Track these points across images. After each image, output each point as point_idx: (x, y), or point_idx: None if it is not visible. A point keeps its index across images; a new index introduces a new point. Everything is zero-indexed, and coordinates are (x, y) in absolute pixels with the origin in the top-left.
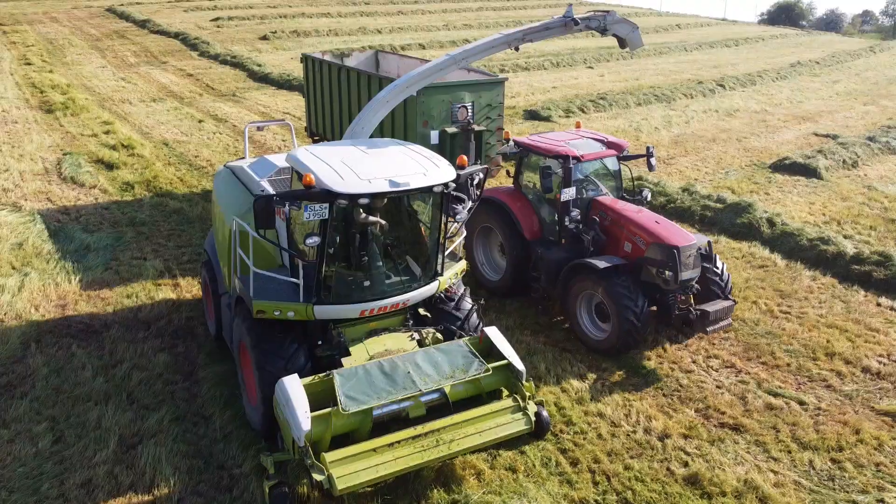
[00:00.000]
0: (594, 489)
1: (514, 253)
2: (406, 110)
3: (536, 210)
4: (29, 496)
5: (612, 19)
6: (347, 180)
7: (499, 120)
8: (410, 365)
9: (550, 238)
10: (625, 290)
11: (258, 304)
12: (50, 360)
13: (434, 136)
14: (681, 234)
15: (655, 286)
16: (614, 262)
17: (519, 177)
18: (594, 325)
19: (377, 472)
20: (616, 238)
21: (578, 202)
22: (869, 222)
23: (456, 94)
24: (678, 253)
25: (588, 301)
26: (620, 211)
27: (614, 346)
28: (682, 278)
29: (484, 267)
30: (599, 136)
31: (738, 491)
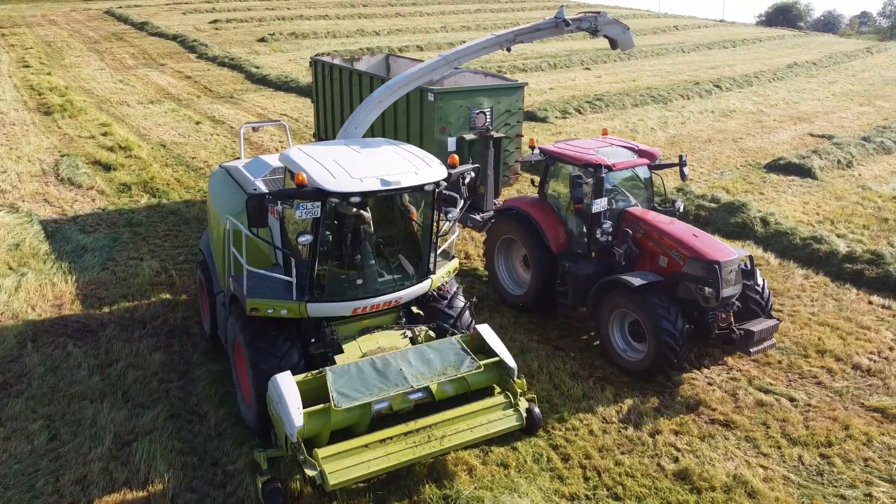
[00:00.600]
0: (585, 484)
1: (540, 266)
2: (423, 116)
3: (563, 221)
4: (24, 493)
5: (604, 20)
6: (339, 179)
7: (518, 126)
8: (402, 362)
9: (578, 251)
10: (662, 308)
11: (252, 302)
12: (46, 359)
13: (451, 143)
14: (721, 249)
15: (693, 303)
16: (650, 279)
17: (544, 186)
18: (628, 345)
19: (369, 468)
20: (650, 252)
21: (608, 213)
22: (862, 221)
23: (474, 100)
24: (719, 268)
25: (621, 319)
26: (654, 223)
27: (650, 368)
28: (723, 295)
29: (506, 280)
30: (629, 144)
31: (728, 486)
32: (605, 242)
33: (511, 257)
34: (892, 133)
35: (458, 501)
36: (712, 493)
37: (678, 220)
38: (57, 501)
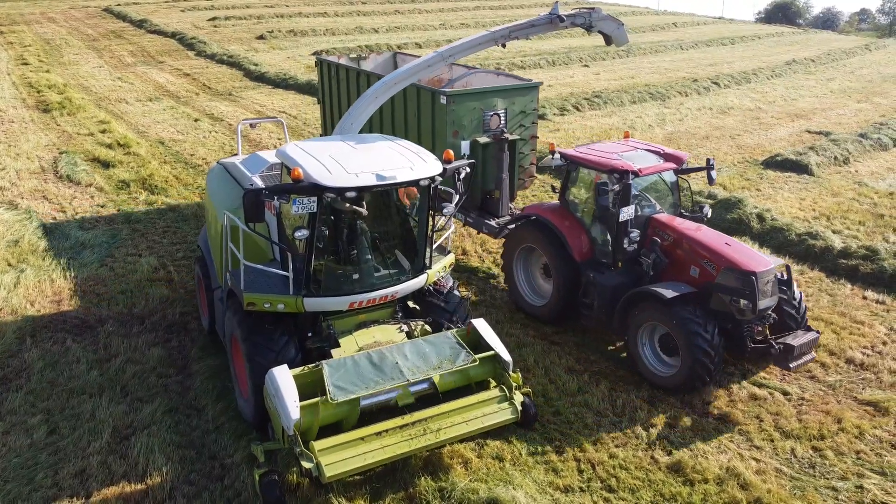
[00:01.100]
0: (579, 477)
1: (562, 276)
2: (435, 119)
3: (586, 229)
4: (24, 486)
5: (598, 16)
6: (335, 174)
7: (533, 128)
8: (398, 356)
9: (603, 260)
10: (696, 322)
11: (249, 297)
12: (45, 354)
13: (465, 146)
14: (757, 258)
15: (727, 316)
16: (683, 291)
17: (565, 192)
18: (658, 360)
19: (365, 461)
20: (679, 261)
21: (634, 221)
22: (858, 217)
23: (488, 101)
24: (756, 279)
25: (651, 332)
26: (683, 230)
27: (683, 385)
28: (759, 307)
29: (525, 291)
30: (655, 148)
31: (720, 478)
32: (632, 252)
33: (530, 266)
34: (888, 130)
35: (453, 494)
36: (705, 486)
37: (705, 226)
38: (56, 494)
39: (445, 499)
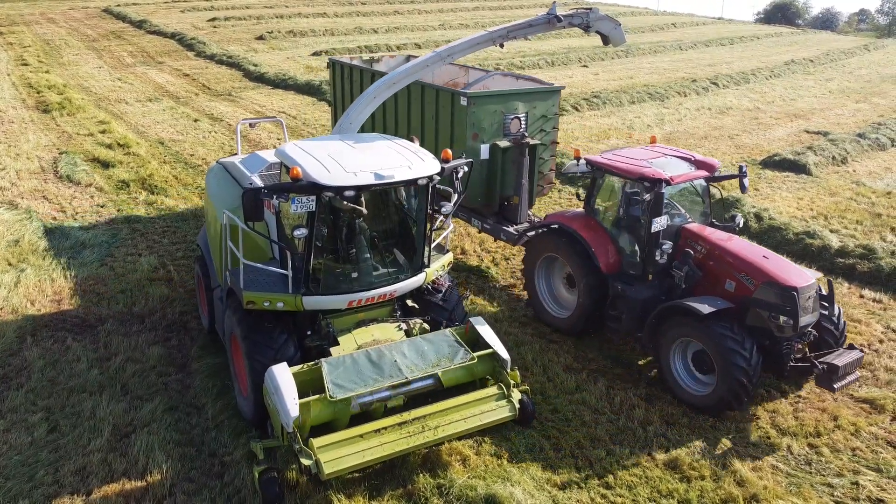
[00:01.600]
0: (577, 474)
1: (587, 288)
2: (454, 122)
3: (614, 239)
4: (24, 483)
5: (595, 16)
6: (334, 173)
7: (553, 133)
8: (397, 354)
9: (632, 272)
10: (734, 339)
11: (248, 296)
12: (45, 353)
13: (484, 150)
14: (797, 273)
15: (765, 332)
16: (720, 306)
17: (591, 201)
18: (691, 378)
19: (364, 458)
20: (713, 274)
21: (666, 232)
22: (856, 217)
23: (509, 105)
24: (797, 295)
25: (683, 349)
26: (717, 242)
27: (718, 405)
28: (801, 324)
29: (547, 301)
30: (684, 154)
31: (717, 475)
32: (663, 264)
33: (552, 276)
34: (886, 129)
35: (451, 490)
36: (702, 482)
37: (737, 236)
38: (57, 491)
39: (444, 495)
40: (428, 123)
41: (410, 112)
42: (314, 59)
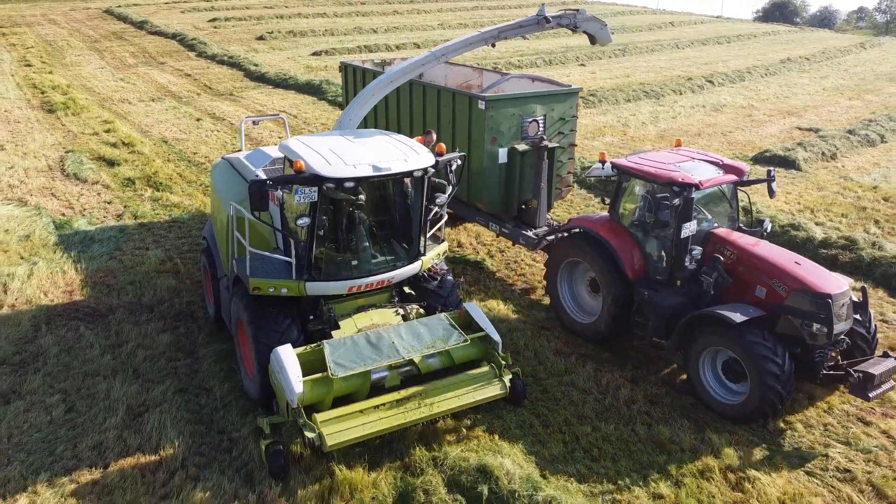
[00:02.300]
0: (564, 448)
1: (613, 294)
2: (472, 126)
3: (640, 245)
4: (45, 457)
5: (582, 17)
6: (334, 165)
7: (571, 135)
8: (394, 336)
9: (659, 278)
10: (767, 348)
11: (254, 282)
12: (60, 340)
13: (502, 154)
14: (831, 279)
15: (797, 339)
16: (752, 314)
17: (616, 205)
18: (722, 387)
19: (363, 431)
20: (743, 280)
21: (694, 237)
22: (841, 210)
23: (527, 107)
24: (832, 302)
25: (713, 357)
26: (747, 247)
27: (751, 414)
28: (834, 332)
29: (570, 306)
30: (712, 158)
31: (695, 448)
32: (692, 270)
33: (575, 280)
34: (877, 126)
35: (445, 462)
36: (681, 454)
37: (765, 241)
38: (76, 465)
39: (438, 466)
40: (445, 127)
41: (426, 115)
42: (314, 58)
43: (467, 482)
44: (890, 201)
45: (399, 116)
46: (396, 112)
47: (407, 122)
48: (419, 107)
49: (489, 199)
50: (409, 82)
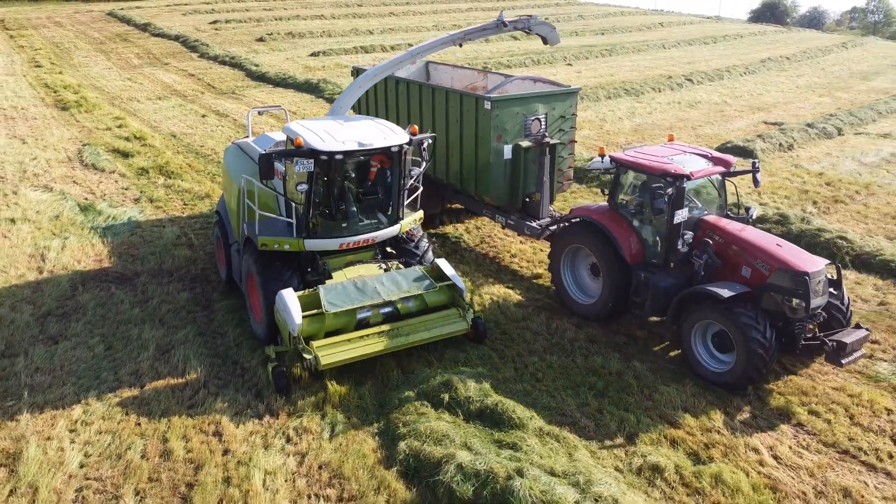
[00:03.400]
0: (514, 372)
1: (612, 277)
2: (478, 124)
3: (637, 231)
4: (92, 380)
5: (535, 22)
6: (327, 142)
7: (571, 132)
8: (377, 283)
9: (654, 261)
10: (752, 320)
11: (262, 239)
12: (95, 297)
13: (507, 150)
14: (808, 259)
15: (779, 314)
16: (738, 290)
17: (615, 195)
18: (711, 357)
19: (351, 354)
20: (731, 262)
21: (686, 223)
22: (786, 193)
23: (530, 107)
24: (809, 280)
25: (704, 331)
26: (734, 232)
27: (738, 381)
28: (812, 306)
29: (573, 290)
30: (702, 151)
31: (622, 372)
32: (684, 253)
33: (577, 266)
34: (836, 120)
35: (416, 379)
36: (608, 376)
37: (750, 226)
38: (118, 386)
39: (410, 382)
40: (453, 126)
41: (435, 115)
42: (312, 59)
43: (432, 392)
44: (831, 185)
45: (409, 115)
46: (407, 111)
47: (416, 121)
48: (429, 107)
49: (495, 192)
50: (420, 85)
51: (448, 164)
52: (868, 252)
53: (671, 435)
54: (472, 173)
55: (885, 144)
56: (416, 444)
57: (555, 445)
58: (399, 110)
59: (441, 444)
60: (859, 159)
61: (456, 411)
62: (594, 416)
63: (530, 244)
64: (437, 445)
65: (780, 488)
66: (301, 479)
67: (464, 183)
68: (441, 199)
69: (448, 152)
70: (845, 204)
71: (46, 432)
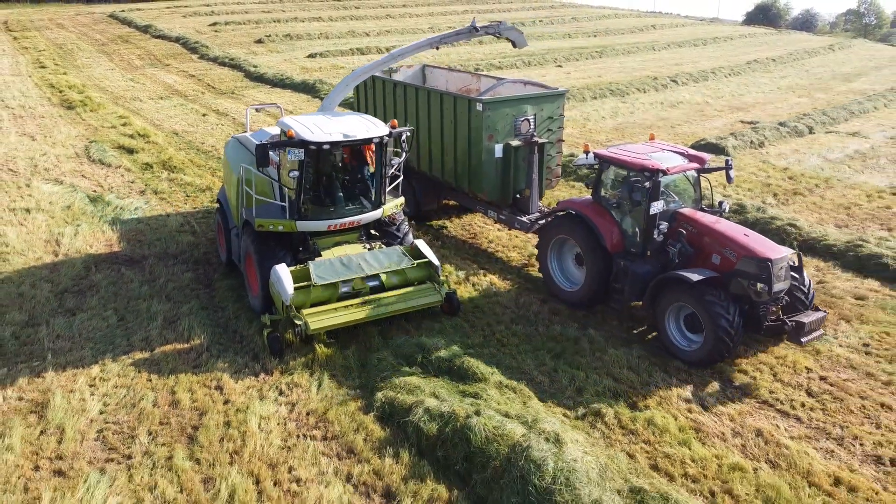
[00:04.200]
0: (483, 339)
1: (595, 265)
2: (471, 125)
3: (618, 222)
4: (107, 345)
5: (504, 27)
6: (316, 133)
7: (559, 132)
8: (361, 259)
9: (633, 250)
10: (719, 302)
11: (259, 221)
12: (107, 277)
13: (498, 149)
14: (772, 247)
15: (745, 298)
16: (707, 275)
17: (598, 189)
18: (683, 337)
19: (337, 320)
20: (703, 250)
21: (662, 214)
22: (749, 186)
23: (519, 108)
24: (772, 266)
25: (677, 313)
26: (706, 223)
27: (706, 358)
28: (774, 290)
29: (558, 278)
30: (679, 149)
31: (578, 338)
32: (660, 242)
33: (563, 255)
34: (809, 119)
35: (394, 343)
36: (565, 342)
37: (723, 219)
38: (130, 350)
39: (388, 346)
40: (447, 126)
41: (431, 116)
42: (309, 60)
43: (408, 353)
44: (793, 179)
45: (406, 116)
46: (404, 112)
47: (413, 122)
48: (425, 109)
49: (487, 189)
50: (417, 88)
51: (443, 162)
52: (814, 238)
53: (614, 388)
54: (465, 171)
55: (852, 142)
56: (391, 393)
57: (511, 395)
58: (398, 112)
59: (412, 394)
60: (825, 156)
61: (427, 368)
62: (549, 373)
63: (506, 232)
64: (409, 394)
65: (702, 429)
66: (291, 423)
67: (458, 180)
68: (437, 195)
69: (443, 151)
70: (803, 196)
71: (69, 386)
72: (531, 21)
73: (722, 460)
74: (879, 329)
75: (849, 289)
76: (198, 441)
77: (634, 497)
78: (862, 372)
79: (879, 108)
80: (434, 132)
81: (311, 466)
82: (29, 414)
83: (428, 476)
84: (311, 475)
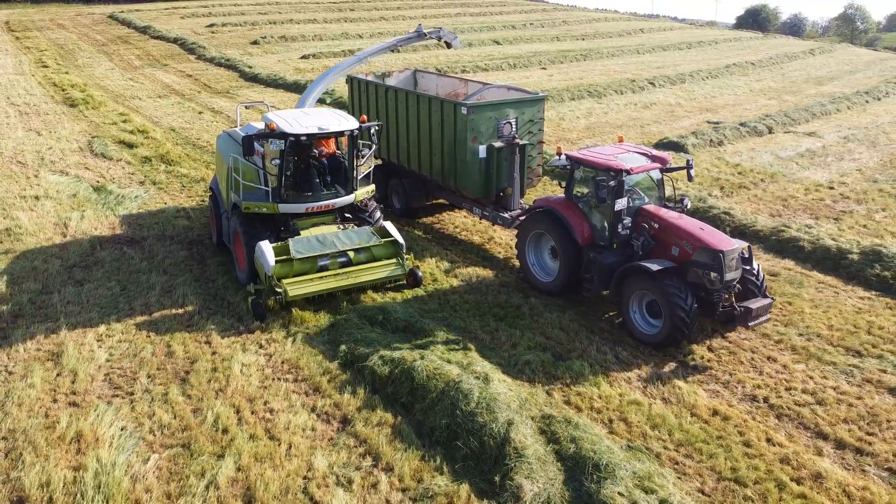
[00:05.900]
0: (438, 305)
1: (568, 257)
2: (456, 127)
3: (588, 218)
4: (111, 309)
5: (444, 32)
6: (294, 126)
7: (539, 134)
8: (335, 237)
9: (601, 243)
10: (676, 289)
11: (245, 204)
12: (110, 254)
13: (482, 150)
14: (724, 240)
15: (700, 286)
16: (666, 265)
17: (570, 188)
18: (645, 322)
19: (312, 289)
20: (663, 243)
21: (627, 210)
22: (700, 180)
23: (502, 112)
24: (723, 257)
25: (639, 300)
26: (666, 218)
27: (664, 341)
28: (725, 279)
29: (535, 269)
30: (643, 150)
31: (520, 305)
32: (624, 235)
33: (540, 249)
34: (770, 120)
35: (359, 307)
36: (508, 308)
37: (685, 215)
38: (131, 313)
39: (355, 310)
40: (435, 128)
41: (420, 119)
42: (302, 61)
43: (370, 315)
44: (742, 175)
45: (397, 119)
46: (395, 115)
47: (404, 124)
48: (414, 112)
49: (472, 187)
50: (407, 93)
51: (431, 162)
52: (744, 224)
53: (544, 344)
54: (451, 170)
55: (806, 141)
56: (353, 345)
57: (455, 347)
58: (389, 115)
59: (370, 346)
60: (777, 153)
61: (386, 327)
62: (491, 332)
63: (472, 219)
64: (368, 346)
65: (611, 375)
66: (268, 369)
67: (445, 179)
68: (426, 193)
69: (431, 152)
70: (748, 189)
71: (80, 340)
72: (522, 24)
73: (623, 397)
74: (783, 300)
75: (766, 267)
76: (189, 382)
77: (545, 421)
78: (759, 333)
79: (842, 110)
80: (423, 133)
81: (283, 401)
82: (46, 361)
83: (378, 406)
84: (283, 407)
